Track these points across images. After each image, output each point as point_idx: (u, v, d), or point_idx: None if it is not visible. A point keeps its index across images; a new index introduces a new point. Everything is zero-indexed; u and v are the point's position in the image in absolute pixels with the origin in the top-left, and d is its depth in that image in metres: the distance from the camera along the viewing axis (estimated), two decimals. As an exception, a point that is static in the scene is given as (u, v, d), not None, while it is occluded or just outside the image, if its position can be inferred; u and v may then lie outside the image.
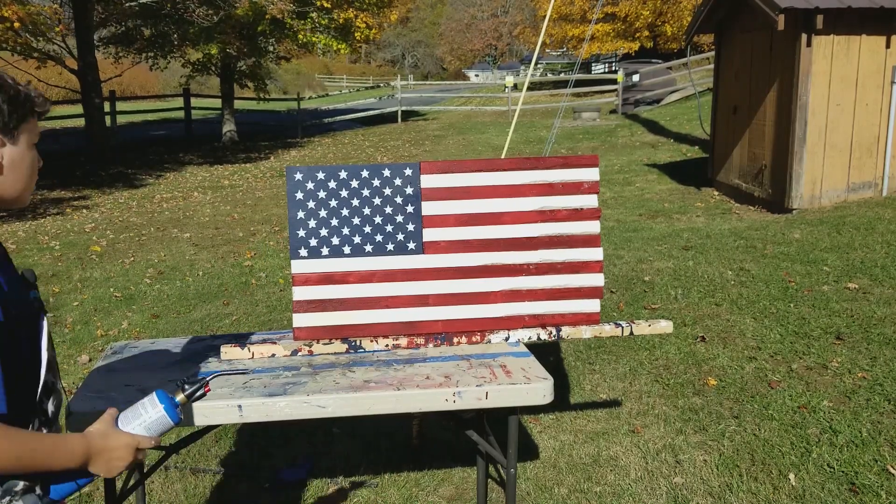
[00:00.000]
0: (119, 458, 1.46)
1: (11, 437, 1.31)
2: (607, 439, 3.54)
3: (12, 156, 1.44)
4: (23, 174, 1.47)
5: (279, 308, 5.75)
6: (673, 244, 6.79)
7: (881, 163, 7.78)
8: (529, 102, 23.15)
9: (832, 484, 3.03)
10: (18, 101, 1.42)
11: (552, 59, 43.72)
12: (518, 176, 2.71)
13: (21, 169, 1.46)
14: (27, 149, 1.47)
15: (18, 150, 1.45)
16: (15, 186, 1.47)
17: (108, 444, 1.45)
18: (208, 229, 9.14)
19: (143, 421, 1.53)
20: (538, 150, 14.33)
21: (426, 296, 2.66)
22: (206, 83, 30.99)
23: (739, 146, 8.73)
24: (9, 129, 1.42)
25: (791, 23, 7.18)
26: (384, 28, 36.71)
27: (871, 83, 7.60)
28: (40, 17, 12.59)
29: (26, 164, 1.47)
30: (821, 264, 5.71)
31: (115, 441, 1.46)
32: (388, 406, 2.24)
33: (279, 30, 17.58)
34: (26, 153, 1.47)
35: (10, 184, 1.45)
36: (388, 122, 23.04)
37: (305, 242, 2.62)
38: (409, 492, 3.17)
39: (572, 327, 2.71)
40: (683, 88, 20.03)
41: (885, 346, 4.20)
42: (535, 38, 36.08)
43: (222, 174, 14.46)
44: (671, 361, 4.32)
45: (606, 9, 25.65)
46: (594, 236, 2.74)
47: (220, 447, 3.61)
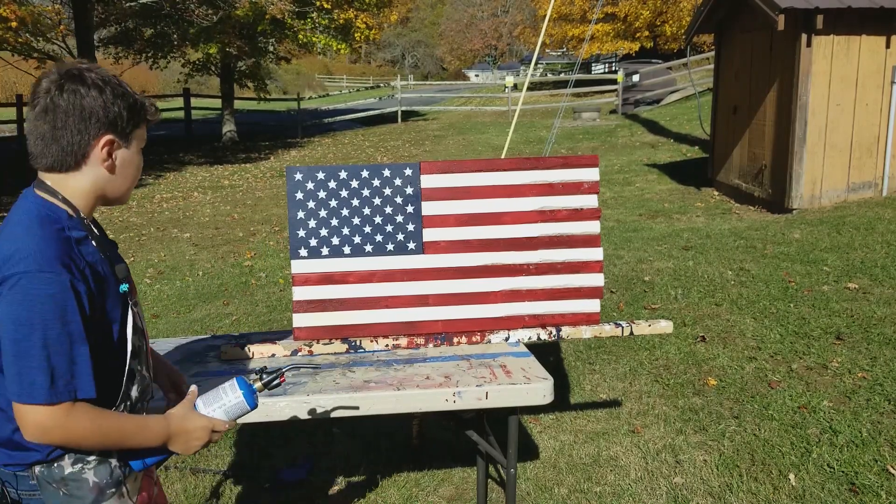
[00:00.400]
0: (196, 439, 1.60)
1: (100, 419, 1.46)
2: (607, 439, 3.53)
3: (124, 158, 1.58)
4: (130, 175, 1.62)
5: (279, 308, 5.75)
6: (673, 244, 6.79)
7: (881, 163, 7.78)
8: (529, 102, 23.15)
9: (832, 484, 3.03)
10: (136, 108, 1.57)
11: (552, 59, 43.71)
12: (518, 176, 2.71)
13: (130, 170, 1.61)
14: (136, 152, 1.62)
15: (129, 153, 1.59)
16: (121, 187, 1.61)
17: (187, 427, 1.59)
18: (208, 229, 9.14)
19: (223, 405, 1.65)
20: (538, 150, 14.33)
21: (426, 296, 2.66)
22: (206, 83, 31.01)
23: (739, 146, 8.73)
24: (125, 134, 1.56)
25: (791, 23, 7.18)
26: (384, 28, 36.74)
27: (871, 83, 7.60)
28: (41, 17, 12.59)
29: (134, 166, 1.62)
30: (821, 264, 5.71)
31: (193, 423, 1.60)
32: (388, 406, 2.24)
33: (279, 30, 17.58)
34: (135, 156, 1.62)
35: (118, 183, 1.60)
36: (388, 122, 23.04)
37: (305, 242, 2.62)
38: (409, 492, 3.17)
39: (572, 327, 2.71)
40: (683, 88, 20.03)
41: (885, 346, 4.20)
42: (535, 38, 36.11)
43: (222, 174, 14.46)
44: (671, 361, 4.32)
45: (606, 9, 25.65)
46: (594, 236, 2.74)
47: (220, 447, 3.61)
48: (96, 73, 1.53)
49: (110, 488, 1.54)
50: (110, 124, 1.53)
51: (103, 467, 1.54)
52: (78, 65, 1.54)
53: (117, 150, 1.56)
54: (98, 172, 1.55)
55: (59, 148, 1.50)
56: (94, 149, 1.53)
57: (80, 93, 1.49)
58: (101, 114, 1.51)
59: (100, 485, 1.53)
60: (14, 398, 1.41)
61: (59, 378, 1.40)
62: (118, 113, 1.53)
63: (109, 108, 1.52)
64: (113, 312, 1.55)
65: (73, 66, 1.53)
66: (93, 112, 1.50)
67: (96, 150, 1.53)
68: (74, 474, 1.51)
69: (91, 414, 1.44)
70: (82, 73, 1.52)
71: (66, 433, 1.42)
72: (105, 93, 1.51)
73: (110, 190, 1.59)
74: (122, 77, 1.66)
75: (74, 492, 1.51)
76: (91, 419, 1.44)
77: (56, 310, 1.40)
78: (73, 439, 1.44)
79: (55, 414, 1.40)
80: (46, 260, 1.41)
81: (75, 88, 1.49)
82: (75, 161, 1.52)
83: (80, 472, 1.51)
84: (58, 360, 1.40)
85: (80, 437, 1.45)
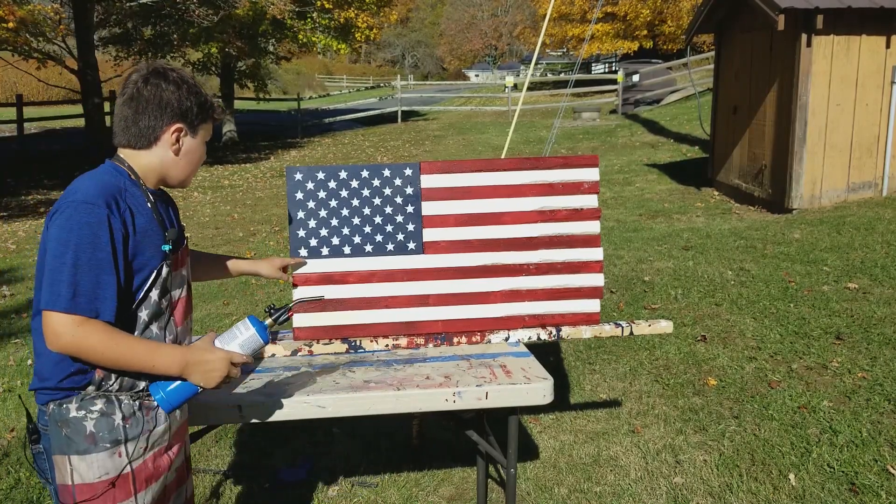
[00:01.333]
0: (216, 370, 1.74)
1: (112, 335, 1.63)
2: (607, 439, 3.53)
3: (189, 145, 1.84)
4: (191, 162, 1.86)
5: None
6: (673, 244, 6.79)
7: (881, 163, 7.78)
8: (529, 102, 23.14)
9: (832, 484, 3.03)
10: (206, 106, 1.84)
11: (552, 59, 43.71)
12: (518, 176, 2.71)
13: (193, 157, 1.86)
14: (201, 143, 1.88)
15: (194, 142, 1.85)
16: (184, 171, 1.86)
17: (206, 357, 1.74)
18: (208, 229, 9.15)
19: (238, 340, 1.79)
20: (538, 150, 14.33)
21: (426, 296, 2.66)
22: (206, 83, 30.96)
23: (739, 146, 8.73)
24: (193, 125, 1.83)
25: (791, 23, 7.18)
26: (384, 28, 36.72)
27: (871, 83, 7.60)
28: (40, 17, 12.58)
29: (197, 156, 1.87)
30: (821, 264, 5.71)
31: (212, 354, 1.75)
32: (388, 406, 2.24)
33: (279, 30, 17.58)
34: (199, 146, 1.87)
35: (181, 167, 1.85)
36: (388, 122, 23.04)
37: (305, 242, 2.62)
38: (409, 492, 3.17)
39: (572, 327, 2.71)
40: (683, 88, 20.03)
41: (885, 346, 4.20)
42: (535, 38, 36.10)
43: (222, 174, 14.46)
44: (671, 361, 4.32)
45: (606, 8, 25.64)
46: (594, 236, 2.74)
47: (220, 447, 3.61)
48: (177, 73, 1.81)
49: (105, 442, 1.67)
50: (182, 115, 1.79)
51: (105, 420, 1.68)
52: (164, 64, 1.83)
53: (184, 137, 1.82)
54: (165, 154, 1.81)
55: (137, 129, 1.77)
56: (166, 133, 1.79)
57: (161, 86, 1.77)
58: (175, 105, 1.78)
59: (95, 436, 1.67)
60: (42, 306, 1.60)
61: (80, 295, 1.59)
62: (189, 107, 1.80)
63: (183, 102, 1.79)
64: (150, 262, 1.73)
65: (159, 65, 1.82)
66: (169, 103, 1.77)
67: (167, 135, 1.79)
68: (76, 419, 1.66)
69: (104, 330, 1.62)
70: (166, 71, 1.80)
71: (76, 342, 1.59)
72: (182, 89, 1.79)
73: (173, 171, 1.84)
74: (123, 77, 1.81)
75: (72, 435, 1.66)
76: (103, 333, 1.61)
77: (90, 236, 1.61)
78: (83, 350, 1.61)
79: (70, 323, 1.58)
80: (92, 195, 1.64)
81: (157, 82, 1.77)
82: (148, 142, 1.78)
83: (83, 418, 1.67)
84: (83, 279, 1.59)
85: (91, 349, 1.61)
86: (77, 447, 1.65)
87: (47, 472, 1.71)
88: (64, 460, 1.66)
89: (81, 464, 1.66)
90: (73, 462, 1.66)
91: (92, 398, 1.68)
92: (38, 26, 12.54)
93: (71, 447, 1.66)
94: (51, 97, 23.11)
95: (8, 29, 11.24)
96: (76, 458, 1.66)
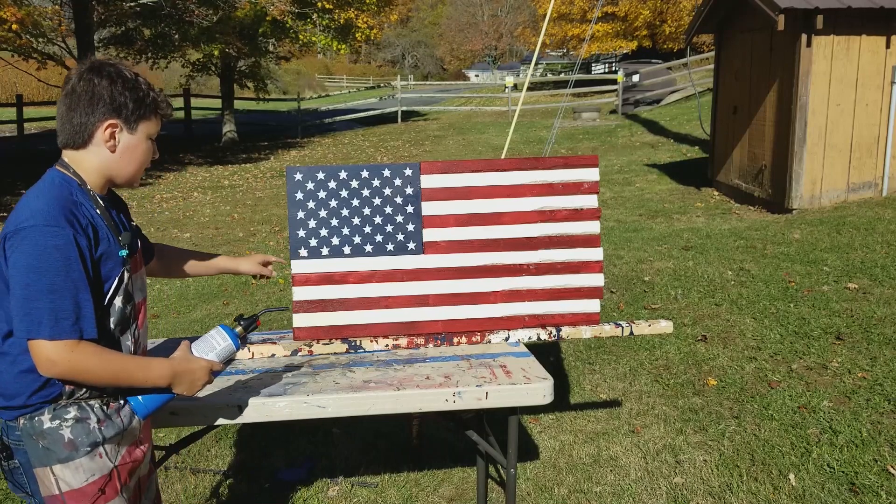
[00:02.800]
0: (199, 379, 1.84)
1: (105, 356, 1.67)
2: (607, 439, 3.53)
3: (127, 142, 1.78)
4: (133, 159, 1.81)
5: (279, 308, 5.74)
6: (673, 244, 6.79)
7: (881, 163, 7.77)
8: (529, 102, 23.14)
9: (832, 484, 3.03)
10: (145, 102, 1.78)
11: (552, 59, 43.70)
12: (518, 176, 2.71)
13: (134, 154, 1.81)
14: (142, 140, 1.81)
15: (134, 139, 1.79)
16: (126, 169, 1.81)
17: (191, 367, 1.82)
18: (208, 229, 9.15)
19: (216, 350, 1.90)
20: (538, 150, 14.33)
21: (426, 296, 2.66)
22: (206, 83, 30.99)
23: (739, 146, 8.73)
24: (129, 121, 1.77)
25: (791, 23, 7.18)
26: (384, 28, 36.72)
27: (871, 83, 7.60)
28: (41, 18, 12.58)
29: (139, 152, 1.82)
30: (821, 264, 5.71)
31: (196, 363, 1.83)
32: (388, 406, 2.24)
33: (279, 31, 17.58)
34: (140, 143, 1.81)
35: (122, 165, 1.80)
36: (388, 122, 23.04)
37: (305, 242, 2.62)
38: (409, 492, 3.17)
39: (572, 327, 2.71)
40: (683, 88, 20.02)
41: (885, 346, 4.20)
42: (535, 39, 36.10)
43: (222, 174, 14.46)
44: (671, 361, 4.32)
45: (606, 8, 25.64)
46: (594, 236, 2.74)
47: (220, 447, 3.61)
48: (115, 68, 1.76)
49: (85, 446, 1.70)
50: (115, 110, 1.74)
51: (81, 426, 1.70)
52: (105, 61, 1.79)
53: (120, 133, 1.77)
54: (102, 152, 1.76)
55: (70, 126, 1.74)
56: (99, 130, 1.74)
57: (93, 82, 1.72)
58: (107, 100, 1.73)
59: (74, 442, 1.69)
60: (23, 335, 1.61)
61: (63, 319, 1.60)
62: (123, 102, 1.74)
63: (116, 98, 1.73)
64: (113, 271, 1.74)
65: (98, 61, 1.78)
66: (101, 98, 1.72)
67: (100, 132, 1.74)
68: (52, 430, 1.68)
69: (96, 351, 1.65)
70: (102, 66, 1.76)
71: (72, 366, 1.62)
72: (116, 84, 1.73)
73: (115, 170, 1.80)
74: None
75: (50, 445, 1.68)
76: (96, 355, 1.64)
77: (62, 259, 1.60)
78: (80, 373, 1.64)
79: (61, 349, 1.60)
80: (52, 216, 1.62)
81: (90, 78, 1.73)
82: (82, 139, 1.74)
83: (58, 428, 1.68)
84: (62, 304, 1.60)
85: (86, 371, 1.64)
86: (58, 456, 1.68)
87: (26, 486, 1.72)
88: (46, 472, 1.68)
89: (66, 471, 1.68)
90: (57, 471, 1.68)
91: (64, 407, 1.70)
92: (39, 27, 12.54)
93: (51, 457, 1.67)
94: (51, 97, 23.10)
95: (9, 30, 11.24)
96: (59, 468, 1.68)
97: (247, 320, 2.03)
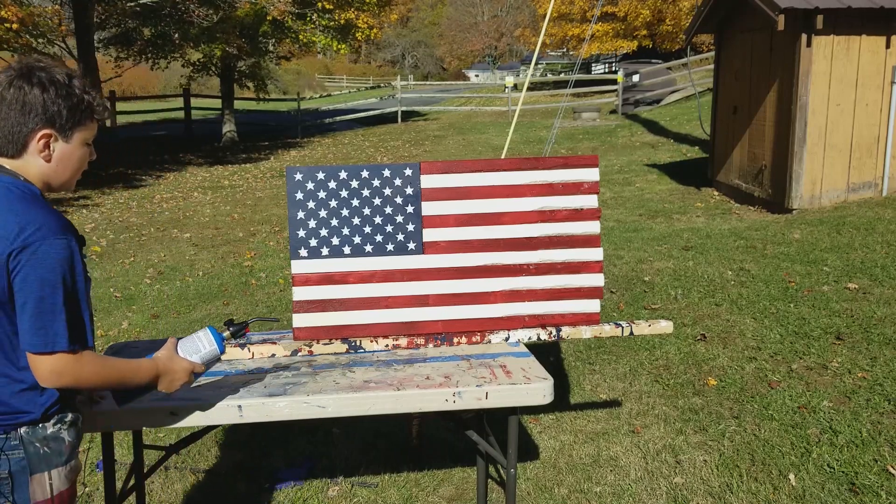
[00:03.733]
0: (178, 379, 1.91)
1: (103, 363, 1.73)
2: (607, 439, 3.54)
3: (63, 151, 1.74)
4: (69, 167, 1.77)
5: (279, 308, 5.75)
6: (673, 244, 6.79)
7: (881, 163, 7.77)
8: (529, 102, 23.14)
9: (832, 484, 3.03)
10: (80, 108, 1.72)
11: (552, 59, 43.70)
12: (518, 176, 2.71)
13: (70, 162, 1.77)
14: (77, 147, 1.76)
15: (69, 147, 1.74)
16: (63, 176, 1.77)
17: (173, 367, 1.89)
18: (208, 229, 9.15)
19: (198, 350, 1.96)
20: (538, 150, 14.33)
21: (426, 296, 2.66)
22: (206, 83, 30.98)
23: (739, 146, 8.73)
24: (64, 130, 1.72)
25: (791, 23, 7.18)
26: (384, 28, 36.72)
27: (871, 83, 7.60)
28: (41, 18, 12.58)
29: (75, 159, 1.77)
30: (821, 264, 5.71)
31: (178, 364, 1.91)
32: (388, 406, 2.24)
33: (280, 31, 17.58)
34: (76, 150, 1.76)
35: (59, 173, 1.76)
36: (388, 122, 23.03)
37: (305, 242, 2.62)
38: (409, 492, 3.17)
39: (572, 327, 2.71)
40: (683, 88, 20.02)
41: (885, 346, 4.20)
42: (535, 39, 36.09)
43: (222, 174, 14.46)
44: (671, 361, 4.32)
45: (606, 8, 25.64)
46: (594, 236, 2.74)
47: (220, 447, 3.61)
48: (46, 73, 1.69)
49: (76, 447, 1.79)
50: (48, 120, 1.69)
51: (74, 429, 1.77)
52: (35, 63, 1.71)
53: (55, 143, 1.72)
54: (37, 161, 1.72)
55: (2, 135, 1.69)
56: (32, 140, 1.69)
57: (24, 89, 1.66)
58: (39, 110, 1.67)
59: (73, 443, 1.76)
60: (36, 349, 1.61)
61: (73, 329, 1.63)
62: (57, 111, 1.69)
63: (49, 107, 1.68)
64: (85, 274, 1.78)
65: (27, 64, 1.70)
66: (33, 108, 1.67)
67: (34, 142, 1.70)
68: (55, 433, 1.72)
69: (95, 359, 1.70)
70: (32, 71, 1.69)
71: (76, 377, 1.66)
72: (48, 92, 1.67)
73: (52, 178, 1.76)
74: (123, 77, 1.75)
75: (54, 448, 1.71)
76: (95, 364, 1.70)
77: (69, 271, 1.64)
78: (81, 381, 1.68)
79: (70, 361, 1.63)
80: (57, 228, 1.63)
81: (21, 85, 1.67)
82: (16, 149, 1.70)
83: (58, 431, 1.73)
84: (72, 315, 1.64)
85: (87, 380, 1.69)
86: (59, 459, 1.72)
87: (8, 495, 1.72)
88: (43, 477, 1.70)
89: (61, 473, 1.72)
90: (53, 476, 1.71)
91: (63, 411, 1.75)
92: (39, 27, 12.54)
93: (52, 462, 1.70)
94: (51, 97, 23.08)
95: (10, 30, 11.24)
96: (56, 472, 1.71)
97: (236, 326, 2.08)
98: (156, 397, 2.13)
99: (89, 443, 3.67)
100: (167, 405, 2.12)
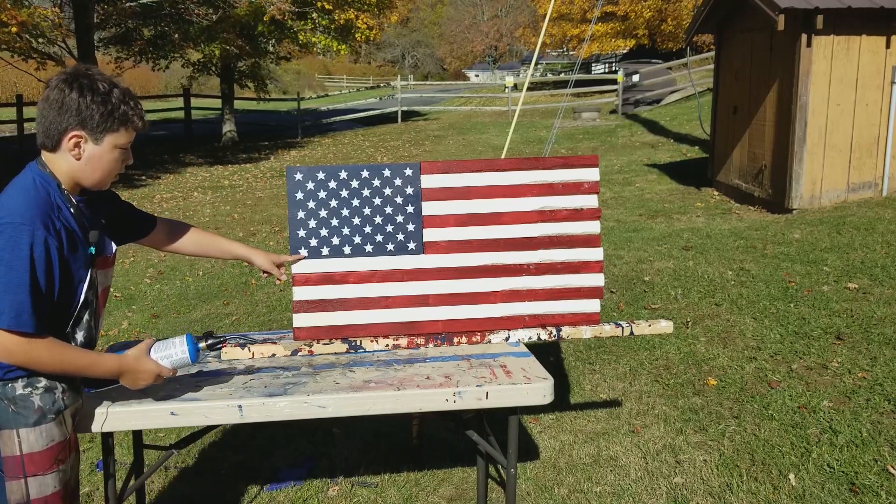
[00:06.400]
0: (143, 379, 2.00)
1: (58, 350, 1.82)
2: (607, 439, 3.54)
3: (92, 152, 1.89)
4: (98, 167, 1.91)
5: (279, 308, 5.75)
6: (673, 244, 6.80)
7: (881, 163, 7.77)
8: (529, 102, 23.14)
9: (832, 484, 3.03)
10: (113, 115, 1.87)
11: (552, 59, 43.71)
12: (518, 176, 2.71)
13: (100, 163, 1.91)
14: (108, 150, 1.90)
15: (99, 149, 1.89)
16: (93, 176, 1.92)
17: (138, 367, 1.98)
18: (208, 229, 9.15)
19: (170, 356, 2.03)
20: (538, 150, 14.33)
21: (426, 296, 2.66)
22: (206, 83, 31.00)
23: (739, 146, 8.73)
24: (95, 133, 1.87)
25: (791, 23, 7.18)
26: (384, 28, 36.72)
27: (871, 83, 7.60)
28: (41, 19, 12.58)
29: (105, 161, 1.91)
30: (821, 264, 5.71)
31: (144, 366, 1.99)
32: (388, 406, 2.24)
33: (279, 30, 17.57)
34: (106, 153, 1.90)
35: (88, 173, 1.91)
36: (388, 122, 23.04)
37: (305, 242, 2.62)
38: (409, 492, 3.17)
39: (572, 327, 2.71)
40: (683, 88, 20.02)
41: (885, 346, 4.20)
42: (535, 39, 36.09)
43: (222, 174, 14.46)
44: (671, 361, 4.32)
45: (606, 8, 25.64)
46: (594, 236, 2.74)
47: (220, 447, 3.61)
48: (88, 80, 1.85)
49: (51, 413, 1.85)
50: (80, 123, 1.84)
51: (49, 395, 1.86)
52: (83, 70, 1.87)
53: (85, 144, 1.87)
54: (69, 159, 1.88)
55: (42, 130, 1.86)
56: (65, 138, 1.85)
57: (64, 92, 1.83)
58: (73, 112, 1.83)
59: (43, 408, 1.84)
60: None
61: (23, 312, 1.72)
62: (90, 115, 1.84)
63: (83, 110, 1.83)
64: (80, 271, 1.90)
65: (76, 71, 1.86)
66: (68, 109, 1.83)
67: (66, 141, 1.86)
68: (24, 396, 1.83)
69: (50, 345, 1.79)
70: (77, 77, 1.84)
71: (27, 357, 1.77)
72: (84, 97, 1.83)
73: (82, 176, 1.91)
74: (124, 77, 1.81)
75: (21, 410, 1.82)
76: (52, 350, 1.80)
77: (29, 258, 1.73)
78: (33, 363, 1.79)
79: (18, 340, 1.73)
80: (29, 216, 1.75)
81: (63, 88, 1.83)
82: (52, 144, 1.87)
83: (29, 395, 1.83)
84: (24, 298, 1.72)
85: (39, 363, 1.79)
86: (26, 420, 1.82)
87: None
88: (11, 434, 1.81)
89: (31, 434, 1.82)
90: (22, 434, 1.81)
91: (36, 376, 1.85)
92: (39, 28, 12.53)
93: (19, 421, 1.81)
94: (51, 97, 23.10)
95: (10, 32, 11.24)
96: (25, 431, 1.81)
97: (215, 339, 2.15)
98: (156, 397, 2.15)
99: (89, 443, 3.67)
100: (167, 405, 2.12)
